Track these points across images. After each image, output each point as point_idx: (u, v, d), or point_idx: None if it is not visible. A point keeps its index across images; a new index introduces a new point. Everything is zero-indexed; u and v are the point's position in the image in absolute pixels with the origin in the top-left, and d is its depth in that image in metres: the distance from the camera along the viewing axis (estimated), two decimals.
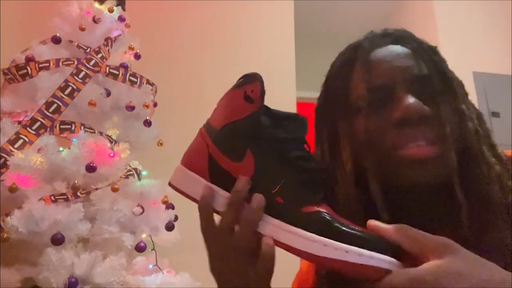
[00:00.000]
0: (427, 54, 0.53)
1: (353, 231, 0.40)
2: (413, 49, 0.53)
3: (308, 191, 0.43)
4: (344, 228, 0.40)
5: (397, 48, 0.54)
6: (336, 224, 0.40)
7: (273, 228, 0.42)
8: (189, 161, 0.47)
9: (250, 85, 0.45)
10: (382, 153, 0.49)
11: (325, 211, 0.42)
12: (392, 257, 0.38)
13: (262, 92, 0.45)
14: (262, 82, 0.45)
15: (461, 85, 0.55)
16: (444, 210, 0.48)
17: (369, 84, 0.51)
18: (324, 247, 0.39)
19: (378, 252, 0.38)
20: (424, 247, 0.36)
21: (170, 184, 0.47)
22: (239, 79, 0.46)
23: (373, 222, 0.41)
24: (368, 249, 0.38)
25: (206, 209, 0.44)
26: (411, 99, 0.48)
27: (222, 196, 0.44)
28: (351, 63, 0.55)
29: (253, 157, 0.43)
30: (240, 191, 0.42)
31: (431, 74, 0.51)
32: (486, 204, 0.46)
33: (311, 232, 0.40)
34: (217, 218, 0.44)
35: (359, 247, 0.38)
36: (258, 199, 0.41)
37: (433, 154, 0.47)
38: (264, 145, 0.44)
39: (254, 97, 0.44)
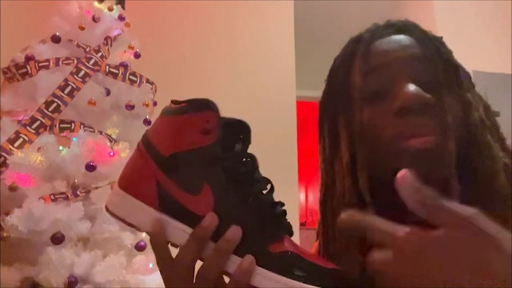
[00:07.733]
0: (431, 43, 0.50)
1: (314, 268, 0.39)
2: (416, 37, 0.51)
3: (272, 226, 0.41)
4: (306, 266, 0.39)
5: (400, 37, 0.51)
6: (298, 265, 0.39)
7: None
8: (132, 187, 0.41)
9: (205, 114, 0.40)
10: (380, 144, 0.47)
11: (290, 249, 0.40)
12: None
13: (219, 122, 0.41)
14: (217, 111, 0.41)
15: (467, 75, 0.52)
16: None
17: (367, 72, 0.49)
18: None
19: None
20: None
21: (108, 211, 0.42)
22: (187, 102, 0.41)
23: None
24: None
25: (160, 242, 0.40)
26: (411, 87, 0.45)
27: (177, 228, 0.40)
28: (352, 56, 0.53)
29: (212, 192, 0.40)
30: (207, 228, 0.39)
31: (434, 60, 0.48)
32: (489, 198, 0.44)
33: (279, 274, 0.38)
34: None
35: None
36: (231, 236, 0.39)
37: (430, 145, 0.44)
38: (222, 180, 0.40)
39: (210, 128, 0.40)
